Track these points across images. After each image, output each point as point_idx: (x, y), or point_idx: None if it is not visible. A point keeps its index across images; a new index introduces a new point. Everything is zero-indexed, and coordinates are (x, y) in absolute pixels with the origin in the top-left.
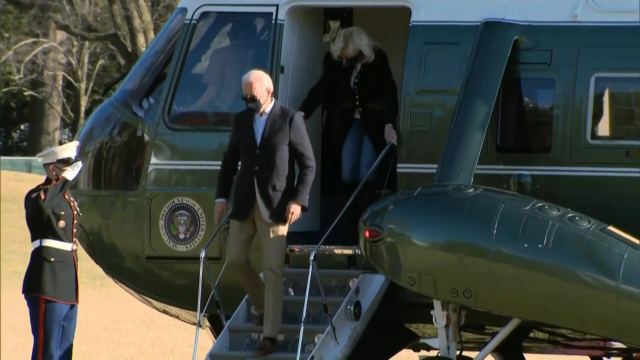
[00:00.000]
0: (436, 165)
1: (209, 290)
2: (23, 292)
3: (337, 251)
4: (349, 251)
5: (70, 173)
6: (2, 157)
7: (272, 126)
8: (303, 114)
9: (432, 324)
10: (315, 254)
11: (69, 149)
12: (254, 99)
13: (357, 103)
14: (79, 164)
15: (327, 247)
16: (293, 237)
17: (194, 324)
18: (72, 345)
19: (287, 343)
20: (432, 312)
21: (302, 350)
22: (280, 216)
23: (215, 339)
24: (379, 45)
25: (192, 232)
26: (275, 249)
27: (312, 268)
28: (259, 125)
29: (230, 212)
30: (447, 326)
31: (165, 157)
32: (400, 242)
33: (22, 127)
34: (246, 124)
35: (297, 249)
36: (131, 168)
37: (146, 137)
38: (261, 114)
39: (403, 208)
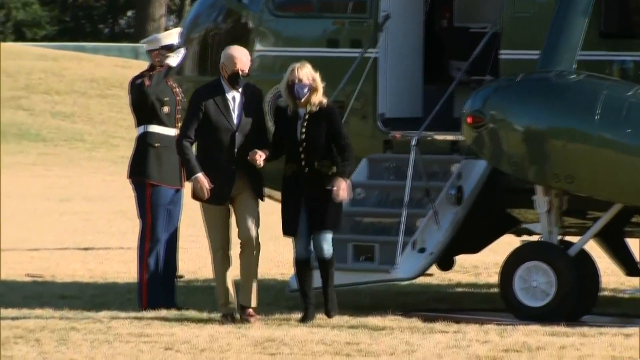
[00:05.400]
0: (539, 52)
1: None
2: (129, 177)
3: (439, 137)
4: (450, 137)
5: (173, 59)
6: (110, 44)
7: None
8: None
9: (534, 209)
10: (417, 140)
11: (172, 36)
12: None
13: (303, 163)
14: (182, 50)
15: (429, 132)
16: (395, 123)
17: None
18: (177, 228)
19: (390, 227)
20: (534, 198)
21: (405, 234)
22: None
23: None
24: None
25: None
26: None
27: (415, 153)
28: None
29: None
30: (549, 212)
31: (269, 44)
32: (503, 128)
33: (128, 13)
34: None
35: (399, 135)
36: None
37: (250, 24)
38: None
39: (505, 94)
